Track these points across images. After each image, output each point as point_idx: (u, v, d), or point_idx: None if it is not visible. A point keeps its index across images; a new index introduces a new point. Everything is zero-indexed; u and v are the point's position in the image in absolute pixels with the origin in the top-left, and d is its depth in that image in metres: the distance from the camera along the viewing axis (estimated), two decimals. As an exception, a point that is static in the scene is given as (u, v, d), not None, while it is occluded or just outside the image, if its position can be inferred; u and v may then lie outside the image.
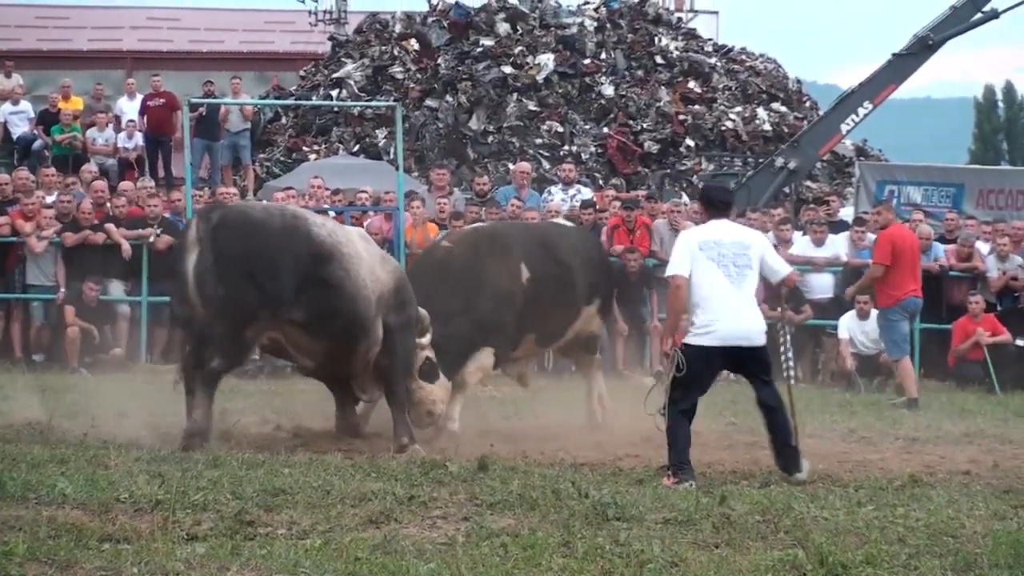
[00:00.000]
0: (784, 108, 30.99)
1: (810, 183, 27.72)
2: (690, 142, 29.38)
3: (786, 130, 29.46)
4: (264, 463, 9.41)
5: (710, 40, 33.75)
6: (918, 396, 15.39)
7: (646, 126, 29.41)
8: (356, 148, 28.85)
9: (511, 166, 24.42)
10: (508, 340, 12.04)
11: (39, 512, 7.55)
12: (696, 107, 30.10)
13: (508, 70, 29.81)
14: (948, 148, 71.98)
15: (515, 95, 29.50)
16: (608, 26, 31.64)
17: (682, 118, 29.69)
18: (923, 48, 23.46)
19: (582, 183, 23.66)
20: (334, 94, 29.93)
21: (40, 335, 18.25)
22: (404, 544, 7.17)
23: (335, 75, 30.86)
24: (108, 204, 19.05)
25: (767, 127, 29.98)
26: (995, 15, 23.19)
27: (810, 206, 22.76)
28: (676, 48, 31.65)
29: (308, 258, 10.53)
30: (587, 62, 30.46)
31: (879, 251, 15.53)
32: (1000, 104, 64.58)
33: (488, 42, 30.51)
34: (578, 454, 10.67)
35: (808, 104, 32.18)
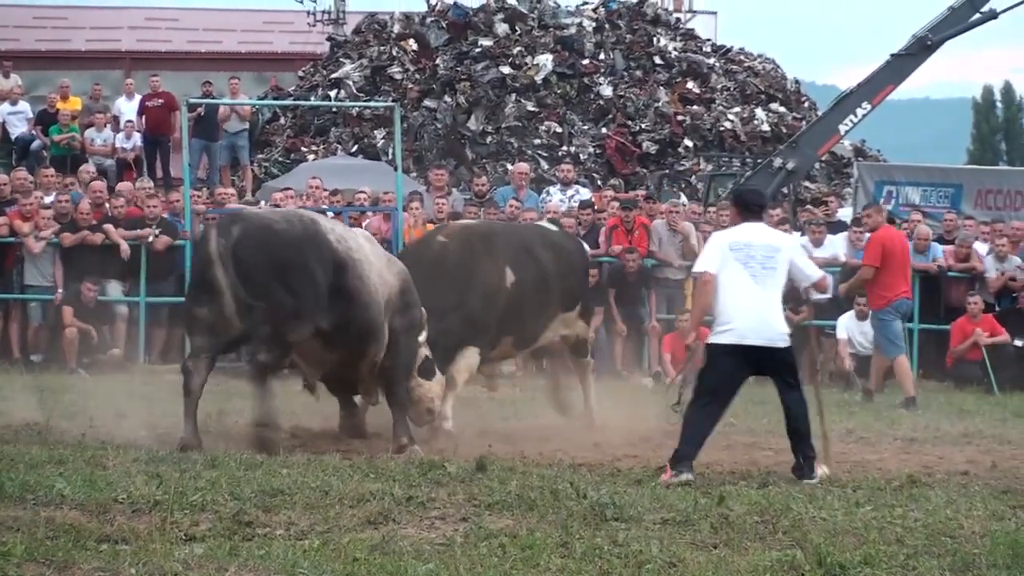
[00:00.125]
0: (783, 108, 30.99)
1: (808, 184, 27.70)
2: (688, 142, 29.38)
3: (784, 130, 29.45)
4: (262, 464, 9.41)
5: (708, 40, 33.76)
6: (915, 395, 15.41)
7: (644, 126, 29.41)
8: (354, 148, 28.84)
9: (510, 166, 24.41)
10: (490, 341, 12.08)
11: (37, 513, 7.54)
12: (694, 107, 30.10)
13: (507, 70, 29.81)
14: (946, 148, 71.92)
15: (514, 95, 29.50)
16: (607, 26, 31.63)
17: (680, 118, 29.70)
18: (921, 48, 23.44)
19: (580, 183, 23.66)
20: (332, 94, 29.92)
21: (38, 336, 18.25)
22: (402, 545, 7.17)
23: (333, 75, 30.85)
24: (107, 204, 19.03)
25: (765, 127, 29.99)
26: (993, 15, 23.17)
27: (807, 207, 22.77)
28: (674, 48, 31.66)
29: (331, 267, 10.41)
30: (586, 62, 30.47)
31: (869, 253, 15.54)
32: (999, 104, 64.53)
33: (487, 42, 30.51)
34: (576, 455, 10.66)
35: (807, 104, 32.18)
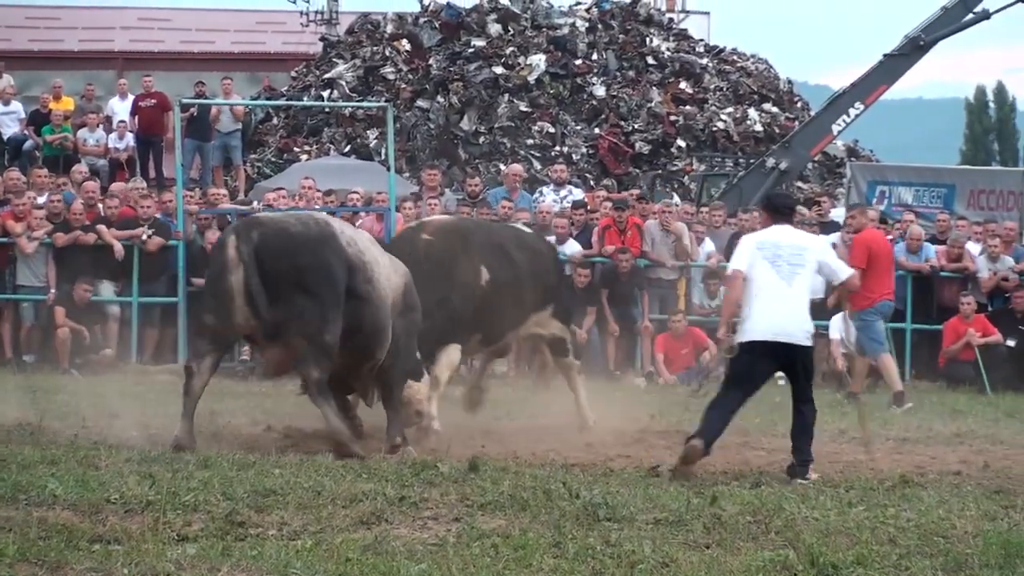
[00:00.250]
0: (775, 109, 31.05)
1: (801, 184, 27.74)
2: (681, 143, 29.43)
3: (777, 131, 29.50)
4: (255, 464, 9.39)
5: (701, 41, 33.82)
6: (903, 389, 15.48)
7: (637, 127, 29.45)
8: (347, 149, 28.87)
9: (503, 167, 24.42)
10: (464, 338, 12.11)
11: (29, 513, 7.53)
12: (687, 108, 30.14)
13: (499, 71, 29.84)
14: (939, 149, 72.00)
15: (506, 96, 29.52)
16: (599, 27, 31.67)
17: (673, 119, 29.73)
18: (914, 49, 23.50)
19: (573, 184, 23.66)
20: (325, 95, 29.94)
21: (31, 336, 18.20)
22: (395, 545, 7.17)
23: (326, 76, 30.87)
24: (99, 205, 18.99)
25: (758, 127, 30.03)
26: (986, 16, 23.25)
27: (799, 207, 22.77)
28: (667, 49, 31.70)
29: (345, 269, 10.33)
30: (578, 63, 30.50)
31: (855, 255, 15.55)
32: (991, 105, 64.69)
33: (479, 43, 30.53)
34: (569, 455, 10.66)
35: (799, 105, 32.25)
